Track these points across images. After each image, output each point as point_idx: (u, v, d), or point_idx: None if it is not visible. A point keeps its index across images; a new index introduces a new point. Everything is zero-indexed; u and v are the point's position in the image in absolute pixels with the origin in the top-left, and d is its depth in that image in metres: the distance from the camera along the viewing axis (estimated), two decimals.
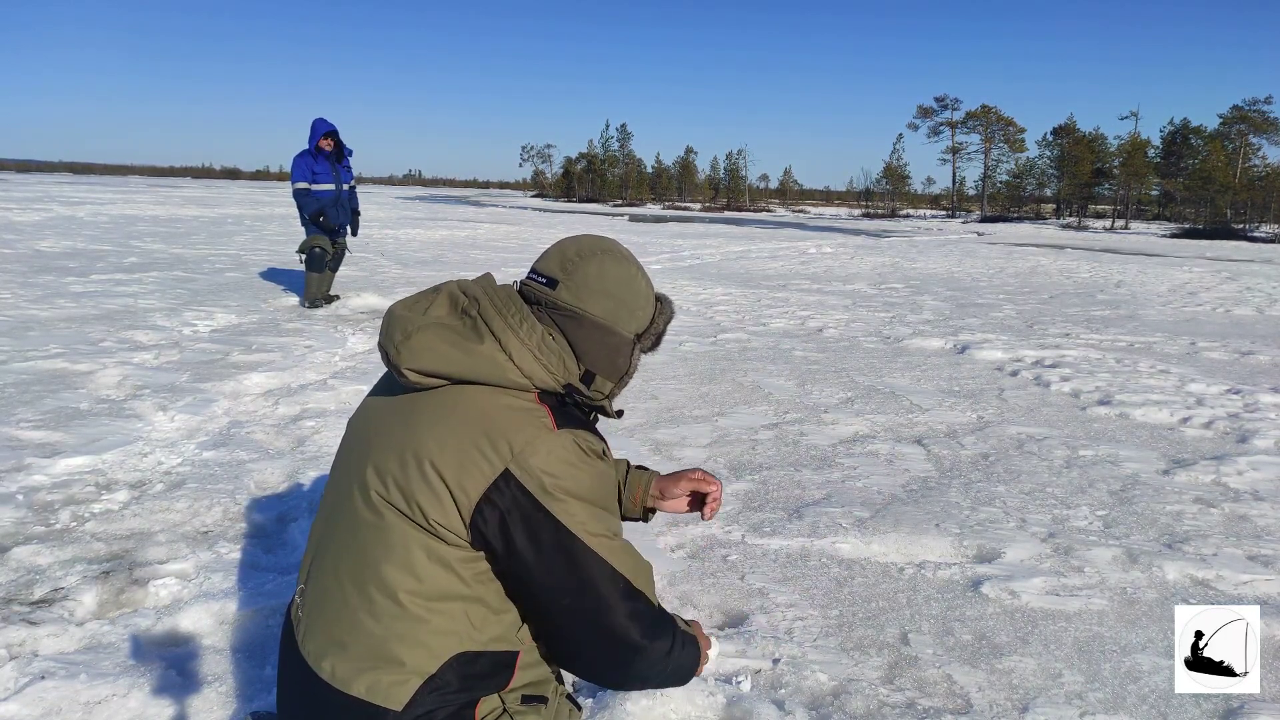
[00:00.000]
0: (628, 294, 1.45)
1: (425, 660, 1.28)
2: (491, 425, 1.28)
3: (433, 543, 1.27)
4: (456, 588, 1.29)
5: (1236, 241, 39.21)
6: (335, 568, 1.34)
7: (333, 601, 1.33)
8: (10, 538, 2.87)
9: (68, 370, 5.27)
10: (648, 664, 1.35)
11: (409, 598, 1.27)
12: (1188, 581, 2.83)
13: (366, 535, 1.31)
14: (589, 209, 64.98)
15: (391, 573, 1.27)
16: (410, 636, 1.28)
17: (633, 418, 4.69)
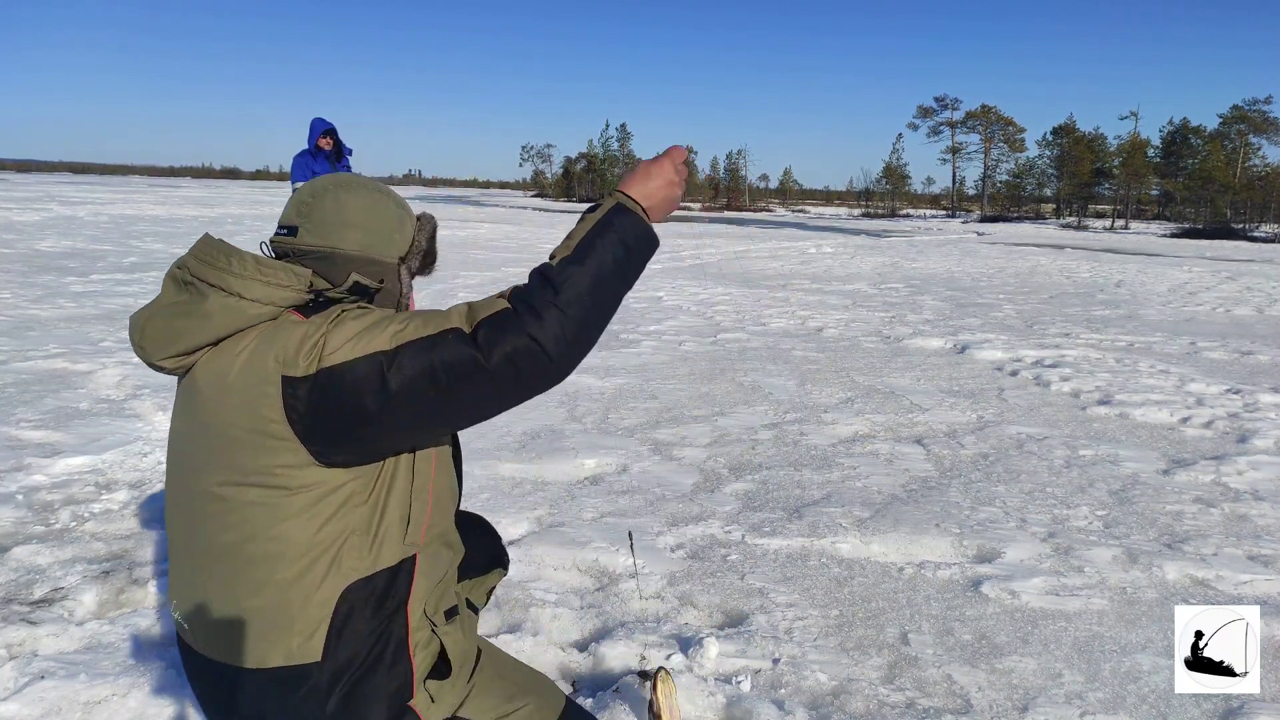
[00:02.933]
0: (375, 220, 1.44)
1: (319, 608, 1.30)
2: (256, 360, 1.28)
3: (283, 500, 1.28)
4: (317, 535, 1.29)
5: (1236, 241, 39.22)
6: (205, 569, 1.34)
7: (215, 601, 1.33)
8: (10, 538, 2.87)
9: (68, 370, 5.27)
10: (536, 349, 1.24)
11: (279, 563, 1.29)
12: (1188, 581, 2.83)
13: (219, 525, 1.31)
14: None
15: (256, 548, 1.29)
16: (297, 595, 1.29)
17: (633, 417, 4.69)
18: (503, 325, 1.25)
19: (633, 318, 8.57)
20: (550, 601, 2.55)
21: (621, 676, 2.08)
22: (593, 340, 1.31)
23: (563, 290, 1.26)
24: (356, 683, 1.32)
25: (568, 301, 1.25)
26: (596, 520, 3.20)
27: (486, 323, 1.26)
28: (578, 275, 1.27)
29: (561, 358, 1.26)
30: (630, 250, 1.32)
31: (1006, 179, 75.24)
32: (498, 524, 3.14)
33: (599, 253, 1.29)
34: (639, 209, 1.34)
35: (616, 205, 1.34)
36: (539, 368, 1.25)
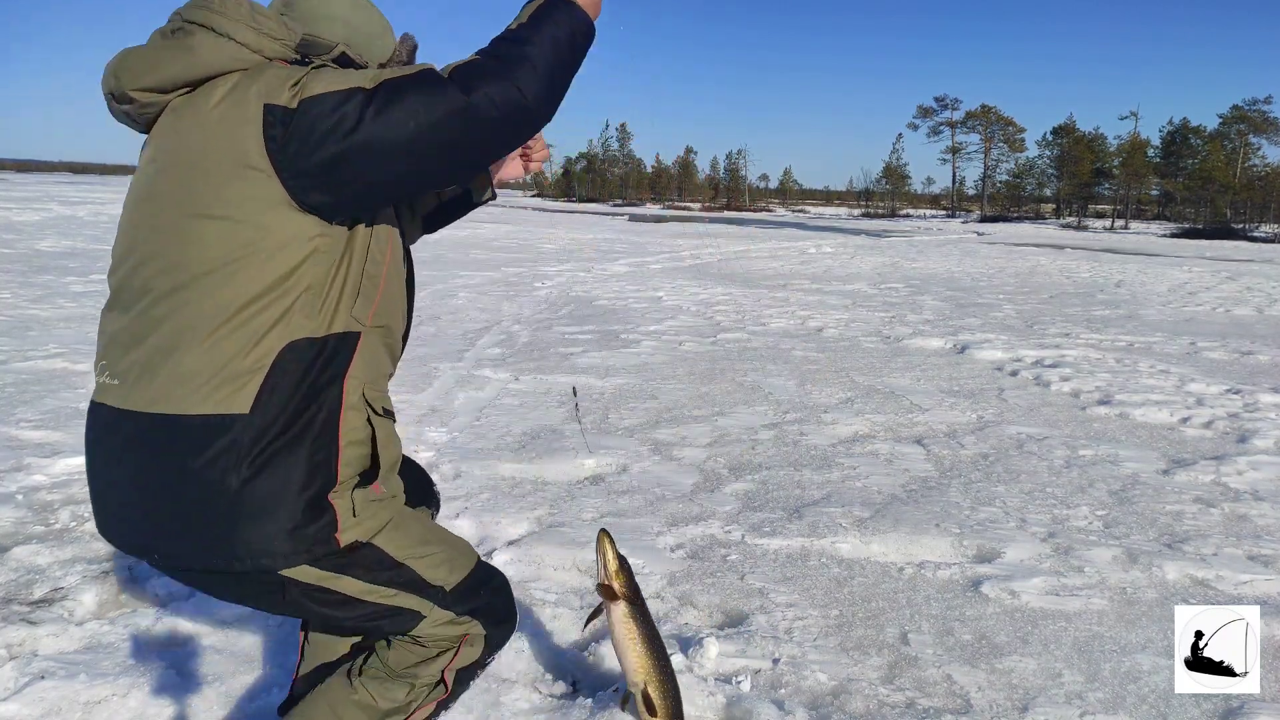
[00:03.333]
0: (359, 19, 1.47)
1: (257, 359, 1.27)
2: (238, 92, 1.27)
3: (244, 239, 1.26)
4: (272, 282, 1.28)
5: (1236, 241, 39.23)
6: (148, 312, 1.31)
7: (152, 345, 1.30)
8: (10, 538, 2.87)
9: (68, 370, 5.27)
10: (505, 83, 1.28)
11: (227, 307, 1.26)
12: (1188, 581, 2.83)
13: (174, 260, 1.28)
14: (589, 208, 64.99)
15: (207, 289, 1.27)
16: (237, 342, 1.27)
17: (633, 417, 4.69)
18: (480, 71, 1.28)
19: (633, 318, 8.58)
20: (550, 601, 2.55)
21: (621, 676, 2.08)
22: (560, 90, 1.37)
23: (527, 45, 1.31)
24: (279, 449, 1.29)
25: (533, 55, 1.31)
26: (596, 520, 3.20)
27: (463, 69, 1.29)
28: (536, 38, 1.32)
29: (536, 100, 1.31)
30: (574, 33, 1.37)
31: (1006, 179, 75.29)
32: (498, 524, 3.15)
33: (550, 26, 1.34)
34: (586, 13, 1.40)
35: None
36: (515, 106, 1.28)
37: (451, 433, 4.29)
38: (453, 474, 3.67)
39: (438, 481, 3.57)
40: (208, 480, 1.27)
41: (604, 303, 9.77)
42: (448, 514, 3.19)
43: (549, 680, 2.15)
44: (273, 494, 1.28)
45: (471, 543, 3.00)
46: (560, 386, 5.41)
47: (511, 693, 2.04)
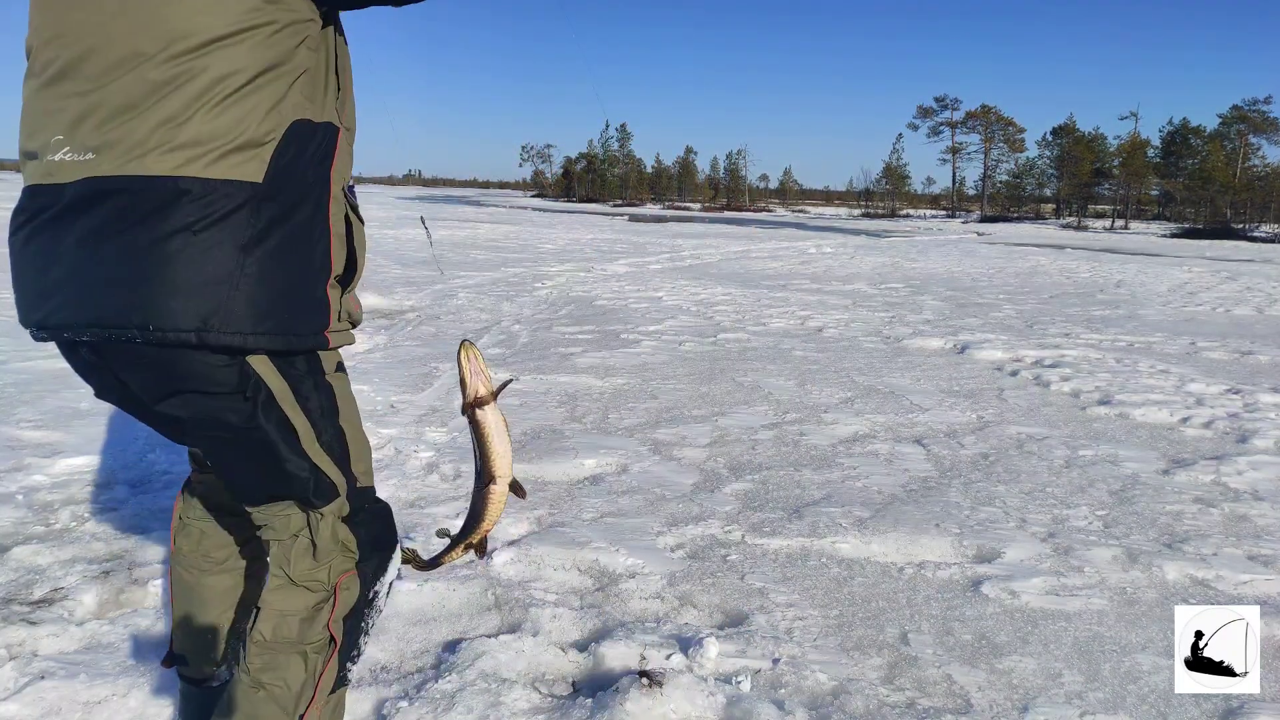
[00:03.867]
0: None
1: (268, 131, 1.25)
2: None
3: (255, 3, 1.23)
4: (279, 57, 1.26)
5: (1236, 241, 39.23)
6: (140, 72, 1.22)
7: (154, 107, 1.21)
8: (10, 538, 2.87)
9: (68, 370, 5.25)
10: None
11: (241, 73, 1.23)
12: (1188, 581, 2.83)
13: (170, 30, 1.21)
14: (589, 208, 65.00)
15: (211, 60, 1.21)
16: (251, 108, 1.24)
17: (633, 417, 4.69)
18: None
19: (633, 318, 8.58)
20: (550, 601, 2.55)
21: (621, 676, 2.08)
22: None
23: None
24: (283, 225, 1.27)
25: None
26: (596, 520, 3.20)
27: None
28: None
29: None
30: None
31: (1006, 179, 75.27)
32: (498, 524, 3.14)
33: None
34: None
35: None
36: None
37: (451, 433, 4.29)
38: (453, 474, 3.67)
39: (438, 481, 3.58)
40: (204, 244, 1.21)
41: (604, 303, 9.77)
42: (448, 514, 3.20)
43: (549, 680, 2.15)
44: (275, 269, 1.25)
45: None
46: (561, 387, 5.41)
47: (511, 693, 2.04)
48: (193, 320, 1.21)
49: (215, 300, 1.21)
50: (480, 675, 2.09)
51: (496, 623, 2.44)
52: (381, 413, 4.61)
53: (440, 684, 2.06)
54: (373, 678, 2.15)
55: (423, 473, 3.68)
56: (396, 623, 2.42)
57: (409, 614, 2.48)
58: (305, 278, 1.29)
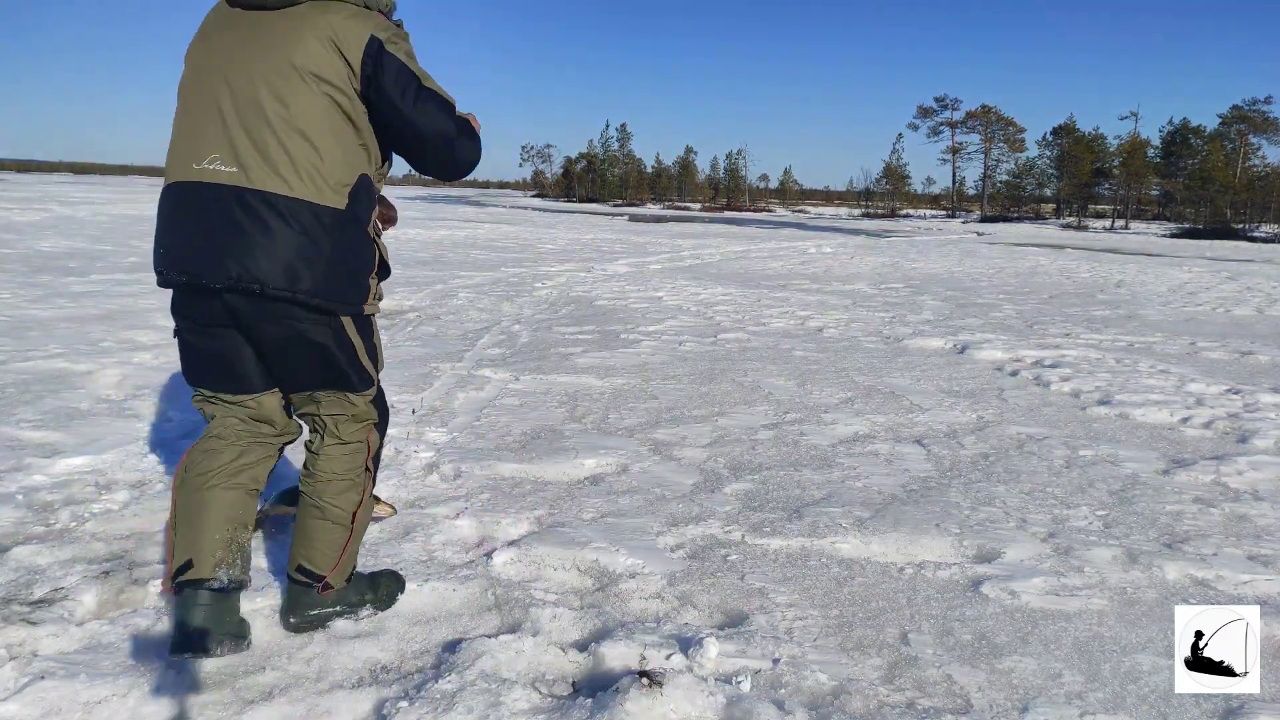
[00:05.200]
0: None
1: (348, 177, 1.99)
2: (353, 17, 1.97)
3: (344, 103, 1.96)
4: (356, 135, 2.01)
5: (1236, 241, 39.22)
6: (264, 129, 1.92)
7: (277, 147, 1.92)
8: (10, 538, 2.87)
9: (68, 370, 5.27)
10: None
11: (335, 138, 1.96)
12: (1188, 581, 2.83)
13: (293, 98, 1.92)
14: (589, 208, 64.99)
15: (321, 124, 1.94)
16: (338, 162, 1.97)
17: (633, 417, 4.69)
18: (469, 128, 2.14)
19: (633, 318, 8.58)
20: (550, 601, 2.55)
21: (621, 676, 2.08)
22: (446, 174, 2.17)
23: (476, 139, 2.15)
24: (352, 234, 2.01)
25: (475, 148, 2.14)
26: (596, 520, 3.20)
27: (463, 120, 2.13)
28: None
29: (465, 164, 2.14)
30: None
31: (1006, 179, 75.20)
32: (498, 524, 3.15)
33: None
34: None
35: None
36: (466, 159, 2.12)
37: (451, 433, 4.30)
38: (453, 474, 3.67)
39: (438, 481, 3.58)
40: (314, 241, 1.94)
41: (604, 303, 9.77)
42: (448, 514, 3.20)
43: (549, 680, 2.15)
44: (341, 263, 1.99)
45: (471, 543, 3.01)
46: (561, 387, 5.41)
47: (511, 693, 2.04)
48: (305, 284, 1.97)
49: (317, 278, 1.98)
50: (480, 675, 2.09)
51: (496, 623, 2.44)
52: None
53: (440, 684, 2.06)
54: (373, 678, 2.15)
55: (423, 473, 3.68)
56: (396, 623, 2.42)
57: (409, 614, 2.48)
58: (360, 270, 2.06)
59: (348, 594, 2.36)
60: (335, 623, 2.36)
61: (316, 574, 2.27)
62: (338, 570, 2.30)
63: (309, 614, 2.31)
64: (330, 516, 2.24)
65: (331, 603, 2.32)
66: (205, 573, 2.09)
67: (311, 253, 1.93)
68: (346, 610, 2.36)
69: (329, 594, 2.31)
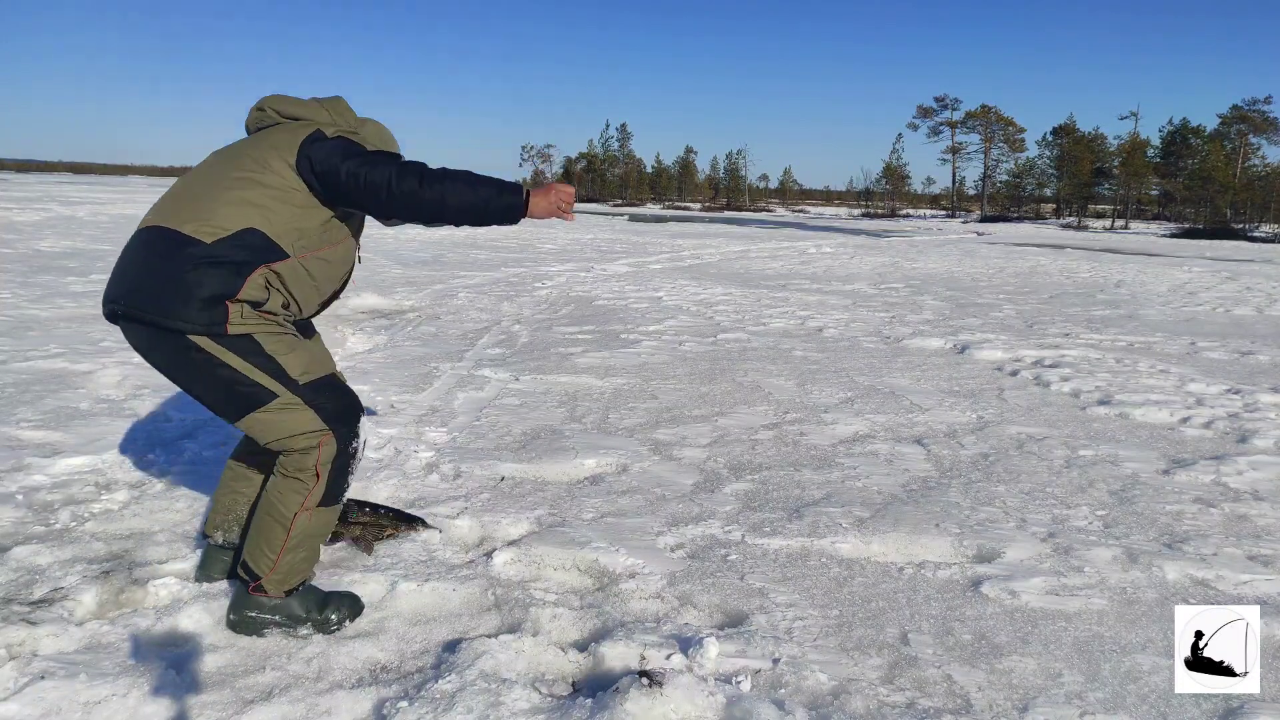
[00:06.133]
0: (389, 140, 2.51)
1: (233, 224, 2.14)
2: (294, 129, 2.29)
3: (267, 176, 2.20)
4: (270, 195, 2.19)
5: (1236, 241, 39.21)
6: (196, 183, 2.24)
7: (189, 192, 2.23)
8: (10, 538, 2.87)
9: (68, 370, 5.27)
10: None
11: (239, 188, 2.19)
12: (1188, 581, 2.83)
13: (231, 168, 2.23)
14: (589, 208, 65.00)
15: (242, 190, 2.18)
16: (227, 212, 2.15)
17: (632, 417, 4.69)
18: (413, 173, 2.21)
19: (633, 317, 8.58)
20: (550, 601, 2.55)
21: (621, 676, 2.08)
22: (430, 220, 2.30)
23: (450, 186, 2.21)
24: (211, 267, 2.10)
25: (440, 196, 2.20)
26: (596, 520, 3.20)
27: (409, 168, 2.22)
28: (456, 186, 2.21)
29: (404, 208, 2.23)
30: (499, 205, 2.25)
31: (1006, 179, 75.19)
32: (498, 524, 3.15)
33: (481, 190, 2.23)
34: (525, 199, 2.27)
35: (523, 186, 2.28)
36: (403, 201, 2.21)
37: (451, 433, 4.30)
38: (453, 474, 3.67)
39: (438, 481, 3.58)
40: (173, 265, 2.11)
41: (604, 303, 9.77)
42: (448, 513, 3.20)
43: (549, 680, 2.15)
44: (199, 286, 2.09)
45: (471, 543, 3.01)
46: (561, 387, 5.41)
47: (511, 693, 2.04)
48: (158, 314, 2.13)
49: (169, 301, 2.12)
50: (480, 675, 2.09)
51: (496, 623, 2.44)
52: (381, 413, 4.61)
53: (440, 684, 2.06)
54: (373, 678, 2.15)
55: (423, 473, 3.68)
56: (396, 623, 2.42)
57: (409, 614, 2.48)
58: (215, 295, 2.12)
59: (290, 607, 2.32)
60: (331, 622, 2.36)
61: (253, 572, 2.29)
62: (274, 577, 2.28)
63: (245, 614, 2.30)
64: (271, 511, 2.27)
65: (269, 610, 2.30)
66: (207, 530, 2.66)
67: (156, 271, 2.12)
68: (286, 624, 2.30)
69: (264, 599, 2.29)
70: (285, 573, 2.29)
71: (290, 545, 2.27)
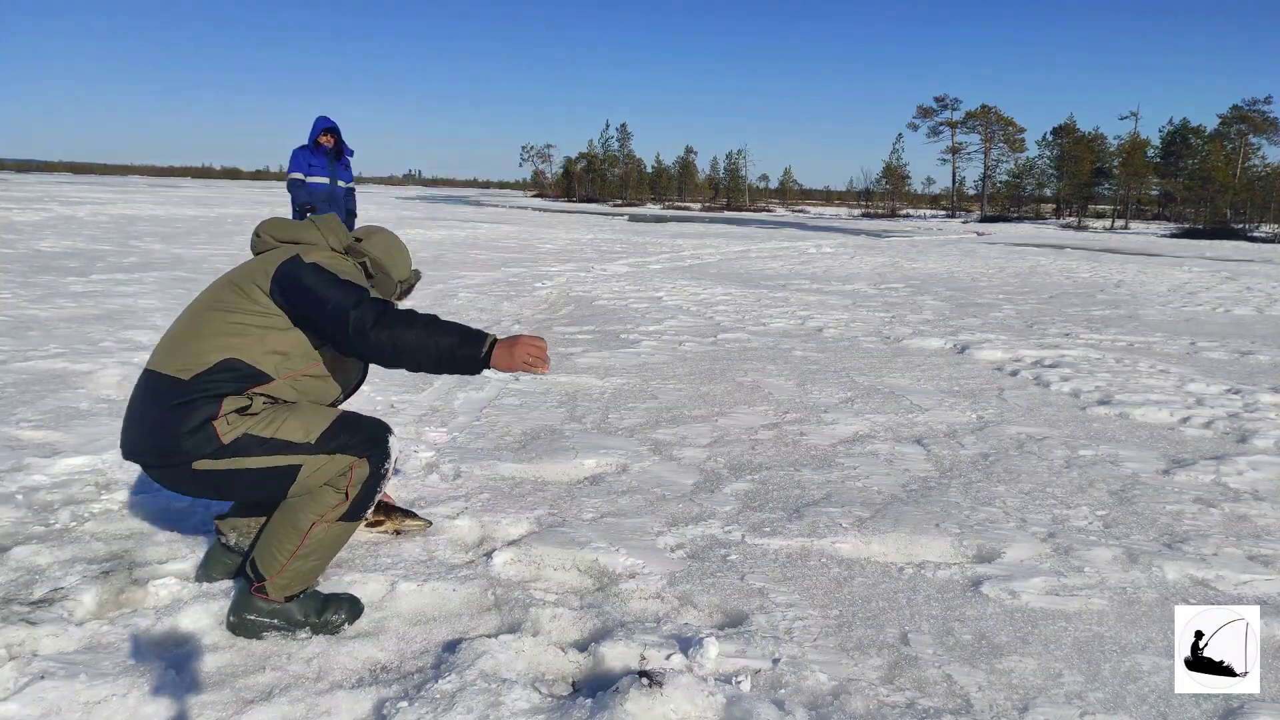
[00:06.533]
0: (396, 252, 2.62)
1: (210, 358, 2.20)
2: (301, 249, 2.36)
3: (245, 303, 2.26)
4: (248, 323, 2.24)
5: (1236, 241, 39.19)
6: (182, 323, 2.30)
7: (172, 333, 2.30)
8: (10, 538, 2.87)
9: (68, 370, 5.27)
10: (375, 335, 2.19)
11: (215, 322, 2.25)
12: (1188, 581, 2.83)
13: (213, 302, 2.29)
14: (589, 208, 64.99)
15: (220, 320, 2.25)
16: (206, 347, 2.21)
17: (633, 418, 4.69)
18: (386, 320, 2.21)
19: (633, 318, 8.58)
20: (550, 601, 2.55)
21: (621, 676, 2.08)
22: (397, 366, 2.26)
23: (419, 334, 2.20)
24: (191, 401, 2.17)
25: (412, 345, 2.20)
26: (596, 520, 3.20)
27: (380, 311, 2.21)
28: (413, 332, 2.20)
29: (375, 354, 2.23)
30: (457, 356, 2.21)
31: (1006, 179, 75.14)
32: (498, 524, 3.15)
33: (441, 339, 2.20)
34: (489, 351, 2.22)
35: (487, 338, 2.25)
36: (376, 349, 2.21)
37: (451, 433, 4.29)
38: (453, 474, 3.67)
39: (437, 481, 3.58)
40: (160, 409, 2.20)
41: (604, 303, 9.77)
42: (448, 513, 3.20)
43: (549, 680, 2.15)
44: (182, 423, 2.17)
45: (472, 543, 3.01)
46: (561, 387, 5.41)
47: (511, 693, 2.04)
48: (157, 456, 2.26)
49: (162, 441, 2.22)
50: (480, 675, 2.09)
51: (496, 623, 2.44)
52: (382, 413, 4.61)
53: (440, 684, 2.06)
54: (373, 678, 2.15)
55: (423, 473, 3.68)
56: (396, 623, 2.42)
57: (409, 614, 2.48)
58: (200, 423, 2.19)
59: (290, 612, 2.32)
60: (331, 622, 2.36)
61: (259, 572, 2.30)
62: (278, 580, 2.29)
63: (244, 617, 2.31)
64: (290, 515, 2.28)
65: (268, 614, 2.31)
66: (221, 527, 2.68)
67: (149, 419, 2.21)
68: (284, 628, 2.31)
69: (264, 602, 2.30)
70: (290, 578, 2.30)
71: (301, 552, 2.28)
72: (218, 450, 2.17)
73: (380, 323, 2.16)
